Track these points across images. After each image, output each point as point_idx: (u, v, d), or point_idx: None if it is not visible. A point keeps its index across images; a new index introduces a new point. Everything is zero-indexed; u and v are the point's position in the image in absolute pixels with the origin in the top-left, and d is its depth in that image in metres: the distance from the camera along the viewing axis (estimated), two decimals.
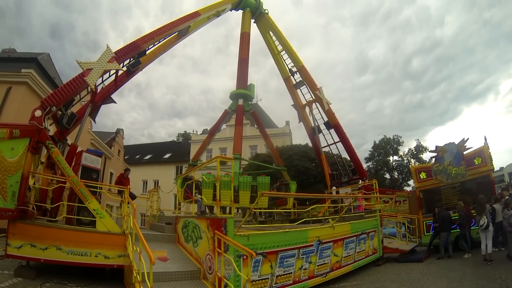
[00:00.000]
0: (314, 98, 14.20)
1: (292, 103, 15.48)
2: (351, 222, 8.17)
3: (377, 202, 10.74)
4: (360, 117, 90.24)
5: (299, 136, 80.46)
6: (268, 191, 10.02)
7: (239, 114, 12.81)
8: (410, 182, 36.18)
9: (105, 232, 5.99)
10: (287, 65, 15.07)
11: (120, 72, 8.73)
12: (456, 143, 10.78)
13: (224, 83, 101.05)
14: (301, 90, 14.96)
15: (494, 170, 10.79)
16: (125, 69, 8.97)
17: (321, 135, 14.42)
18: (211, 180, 8.75)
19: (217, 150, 32.58)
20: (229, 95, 13.80)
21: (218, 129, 15.40)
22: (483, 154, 10.04)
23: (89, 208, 6.08)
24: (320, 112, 14.21)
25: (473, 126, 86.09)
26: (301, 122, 15.29)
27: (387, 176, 41.45)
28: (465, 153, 10.48)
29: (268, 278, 5.47)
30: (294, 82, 15.00)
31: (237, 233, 5.19)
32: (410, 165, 37.84)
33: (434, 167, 11.23)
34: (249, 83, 13.73)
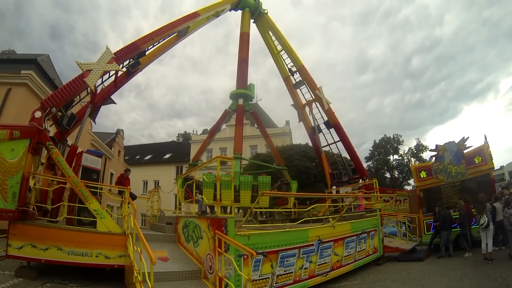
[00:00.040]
0: (314, 97, 14.19)
1: (292, 103, 15.48)
2: (352, 221, 8.17)
3: (377, 201, 10.72)
4: (360, 116, 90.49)
5: (299, 135, 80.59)
6: (268, 191, 10.01)
7: (239, 114, 12.81)
8: (411, 181, 36.16)
9: (105, 232, 6.00)
10: (287, 64, 15.05)
11: (119, 73, 8.73)
12: (456, 142, 10.79)
13: (224, 83, 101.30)
14: (301, 90, 14.95)
15: (494, 169, 10.78)
16: (124, 69, 8.96)
17: (321, 135, 14.42)
18: (212, 180, 8.76)
19: (217, 150, 32.59)
20: (229, 95, 13.80)
21: (218, 129, 15.39)
22: (483, 152, 10.05)
23: (89, 208, 6.09)
24: (320, 111, 14.19)
25: (473, 124, 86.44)
26: (301, 122, 15.28)
27: (388, 175, 41.39)
28: (465, 152, 10.48)
29: (268, 278, 5.47)
30: (294, 82, 14.99)
31: (237, 232, 5.19)
32: (410, 164, 37.79)
33: (435, 166, 11.23)
34: (249, 83, 13.73)
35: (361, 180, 12.92)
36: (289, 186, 12.41)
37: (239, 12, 14.51)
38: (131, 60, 9.19)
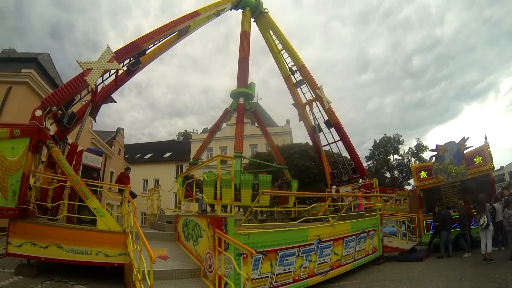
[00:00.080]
0: (314, 97, 14.19)
1: (292, 102, 15.48)
2: (351, 221, 8.16)
3: (377, 201, 10.73)
4: (360, 115, 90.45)
5: (300, 135, 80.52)
6: (269, 190, 10.02)
7: (240, 113, 12.81)
8: (411, 181, 36.21)
9: (105, 230, 6.01)
10: (287, 64, 15.04)
11: (120, 71, 8.74)
12: (456, 142, 10.77)
13: (224, 82, 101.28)
14: (301, 89, 14.96)
15: (495, 169, 10.76)
16: (125, 68, 8.98)
17: (321, 134, 14.42)
18: (212, 178, 8.77)
19: (217, 149, 32.62)
20: (229, 94, 13.80)
21: (218, 128, 15.40)
22: (484, 153, 10.04)
23: (89, 207, 6.10)
24: (320, 111, 14.20)
25: (473, 124, 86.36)
26: (301, 121, 15.28)
27: (388, 175, 41.42)
28: (465, 152, 10.47)
29: (268, 277, 5.48)
30: (294, 81, 14.99)
31: (237, 231, 5.20)
32: (410, 164, 37.75)
33: (435, 166, 11.22)
34: (249, 82, 13.73)
35: (361, 179, 12.93)
36: (289, 185, 12.41)
37: (240, 11, 14.50)
38: (132, 59, 9.21)
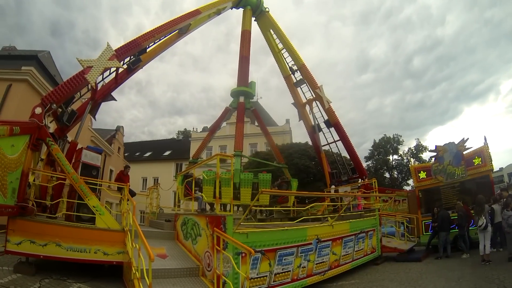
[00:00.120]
0: (314, 96, 14.20)
1: (292, 101, 15.49)
2: (350, 221, 8.18)
3: (376, 201, 10.75)
4: (360, 115, 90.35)
5: (299, 134, 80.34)
6: (268, 189, 10.03)
7: (240, 111, 12.81)
8: (410, 182, 36.21)
9: (104, 228, 6.01)
10: (288, 63, 15.05)
11: (120, 69, 8.73)
12: (456, 143, 10.78)
13: (224, 81, 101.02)
14: (301, 89, 14.97)
15: (494, 171, 10.78)
16: (125, 66, 8.97)
17: (321, 134, 14.44)
18: (211, 177, 8.77)
19: (217, 147, 32.61)
20: (230, 93, 13.80)
21: (218, 126, 15.41)
22: (483, 154, 10.04)
23: (88, 205, 6.09)
24: (320, 110, 14.22)
25: (473, 126, 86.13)
26: (301, 121, 15.30)
27: (387, 175, 41.46)
28: (465, 153, 10.48)
29: (266, 276, 5.49)
30: (295, 81, 15.00)
31: (236, 230, 5.20)
32: (409, 164, 37.79)
33: (434, 167, 11.23)
34: (249, 81, 13.73)
35: (360, 179, 12.95)
36: (289, 184, 12.43)
37: (241, 10, 14.48)
38: (132, 57, 9.19)
